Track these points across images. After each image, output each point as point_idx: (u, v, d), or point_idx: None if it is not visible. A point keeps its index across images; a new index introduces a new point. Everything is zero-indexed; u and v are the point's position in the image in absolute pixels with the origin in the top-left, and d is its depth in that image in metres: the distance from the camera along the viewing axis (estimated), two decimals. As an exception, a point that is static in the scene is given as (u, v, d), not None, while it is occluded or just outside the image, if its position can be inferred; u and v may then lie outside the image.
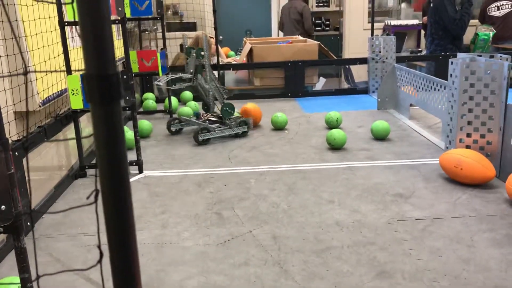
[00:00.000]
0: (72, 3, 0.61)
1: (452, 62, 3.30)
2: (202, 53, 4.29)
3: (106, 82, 0.62)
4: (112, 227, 0.65)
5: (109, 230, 0.65)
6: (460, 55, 3.49)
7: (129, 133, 3.94)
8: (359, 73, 6.78)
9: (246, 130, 4.30)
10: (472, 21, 7.69)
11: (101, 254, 0.71)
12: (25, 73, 0.85)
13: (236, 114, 4.43)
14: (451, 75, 3.33)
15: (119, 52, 4.69)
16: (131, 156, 3.58)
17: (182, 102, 5.70)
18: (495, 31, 6.53)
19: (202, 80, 4.32)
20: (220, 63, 5.97)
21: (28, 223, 2.54)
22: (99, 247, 0.71)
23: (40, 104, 3.09)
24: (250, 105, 4.68)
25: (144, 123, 4.46)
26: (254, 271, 2.16)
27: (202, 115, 4.45)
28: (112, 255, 0.66)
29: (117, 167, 0.64)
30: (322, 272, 2.13)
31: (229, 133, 4.25)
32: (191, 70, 4.31)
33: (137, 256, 0.68)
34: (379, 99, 5.14)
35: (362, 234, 2.46)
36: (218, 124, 4.28)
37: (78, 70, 3.47)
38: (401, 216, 2.65)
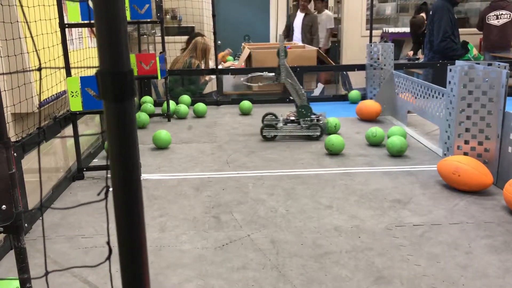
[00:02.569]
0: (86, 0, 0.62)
1: (450, 69, 3.32)
2: (282, 54, 4.32)
3: (120, 79, 0.62)
4: (123, 224, 0.64)
5: (119, 227, 0.65)
6: (458, 62, 3.51)
7: (163, 132, 4.15)
8: (356, 80, 6.81)
9: (319, 134, 4.28)
10: (469, 30, 7.75)
11: (110, 251, 0.71)
12: (39, 68, 0.86)
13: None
14: (449, 82, 3.34)
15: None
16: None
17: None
18: (470, 43, 6.58)
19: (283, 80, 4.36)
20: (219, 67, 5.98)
21: (26, 225, 2.53)
22: (108, 243, 0.71)
23: (38, 106, 3.09)
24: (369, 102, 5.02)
25: (142, 114, 4.89)
26: (253, 275, 2.16)
27: (287, 114, 4.53)
28: (121, 253, 0.66)
29: (129, 165, 0.64)
30: (321, 276, 2.13)
31: (298, 134, 4.32)
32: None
33: (146, 254, 0.68)
34: (377, 106, 5.15)
35: (361, 240, 2.47)
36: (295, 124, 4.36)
37: (78, 67, 3.47)
38: (399, 222, 2.66)
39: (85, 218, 2.77)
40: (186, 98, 5.78)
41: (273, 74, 4.39)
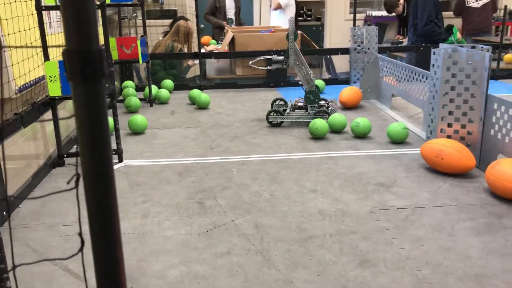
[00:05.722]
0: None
1: (434, 52, 3.32)
2: (291, 37, 4.17)
3: (89, 58, 0.58)
4: (94, 213, 0.61)
5: (91, 217, 0.61)
6: (442, 45, 3.50)
7: (139, 117, 4.14)
8: (339, 63, 6.78)
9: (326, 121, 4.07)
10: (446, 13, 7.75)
11: (83, 242, 0.68)
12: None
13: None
14: (433, 65, 3.34)
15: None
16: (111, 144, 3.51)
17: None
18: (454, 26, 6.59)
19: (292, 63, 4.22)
20: (203, 51, 5.90)
21: (4, 213, 2.47)
22: (80, 234, 0.68)
23: (16, 91, 3.01)
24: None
25: (133, 99, 4.83)
26: (237, 260, 2.14)
27: (296, 100, 4.40)
28: (94, 243, 0.63)
29: (99, 150, 0.60)
30: (305, 261, 2.13)
31: (305, 121, 4.20)
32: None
33: (120, 243, 0.65)
34: (361, 90, 5.14)
35: (345, 223, 2.46)
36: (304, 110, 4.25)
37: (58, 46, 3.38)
38: (383, 205, 2.66)
39: (65, 205, 2.72)
40: (168, 82, 5.70)
41: (282, 57, 4.29)
